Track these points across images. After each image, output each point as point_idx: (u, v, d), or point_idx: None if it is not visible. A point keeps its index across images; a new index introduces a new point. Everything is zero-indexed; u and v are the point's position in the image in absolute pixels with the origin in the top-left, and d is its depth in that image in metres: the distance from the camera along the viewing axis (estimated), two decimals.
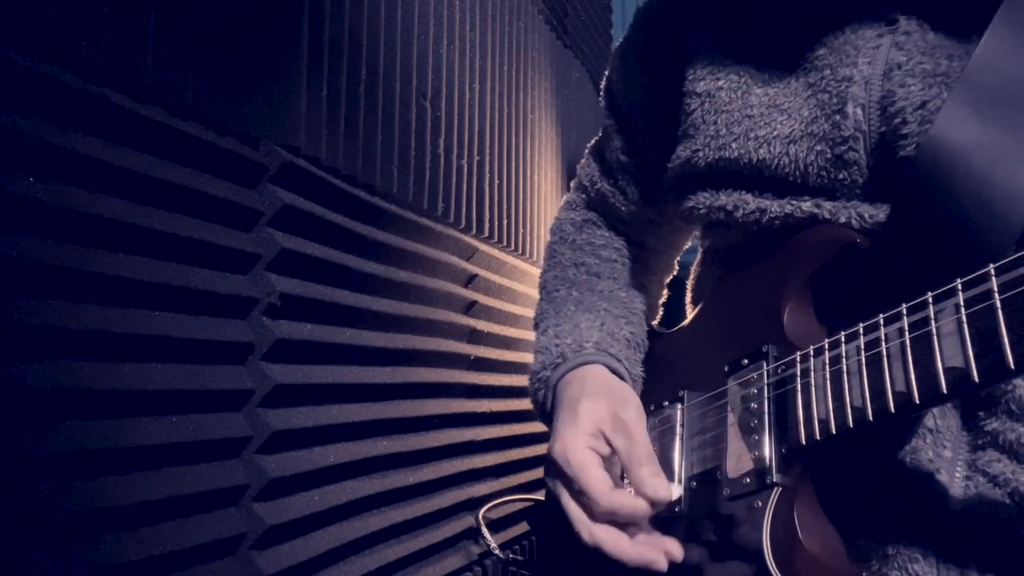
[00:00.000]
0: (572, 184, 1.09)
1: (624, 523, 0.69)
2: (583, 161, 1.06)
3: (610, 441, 0.72)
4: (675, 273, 1.07)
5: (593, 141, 1.04)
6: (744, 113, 0.72)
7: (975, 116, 0.57)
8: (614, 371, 0.84)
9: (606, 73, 0.98)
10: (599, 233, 1.01)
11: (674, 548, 0.66)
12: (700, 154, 0.75)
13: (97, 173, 0.76)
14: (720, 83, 0.75)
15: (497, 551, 1.44)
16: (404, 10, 1.34)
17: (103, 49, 0.76)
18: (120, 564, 0.75)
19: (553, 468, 0.73)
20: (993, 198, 0.56)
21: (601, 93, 1.00)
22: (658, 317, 1.05)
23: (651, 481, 0.67)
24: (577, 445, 0.71)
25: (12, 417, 0.68)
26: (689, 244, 1.04)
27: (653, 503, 0.67)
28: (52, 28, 0.70)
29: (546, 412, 0.87)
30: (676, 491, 0.70)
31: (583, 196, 1.04)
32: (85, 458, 0.74)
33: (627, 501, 0.68)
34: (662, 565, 0.66)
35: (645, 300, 0.98)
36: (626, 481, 0.72)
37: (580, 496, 0.69)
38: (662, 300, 1.07)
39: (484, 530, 1.43)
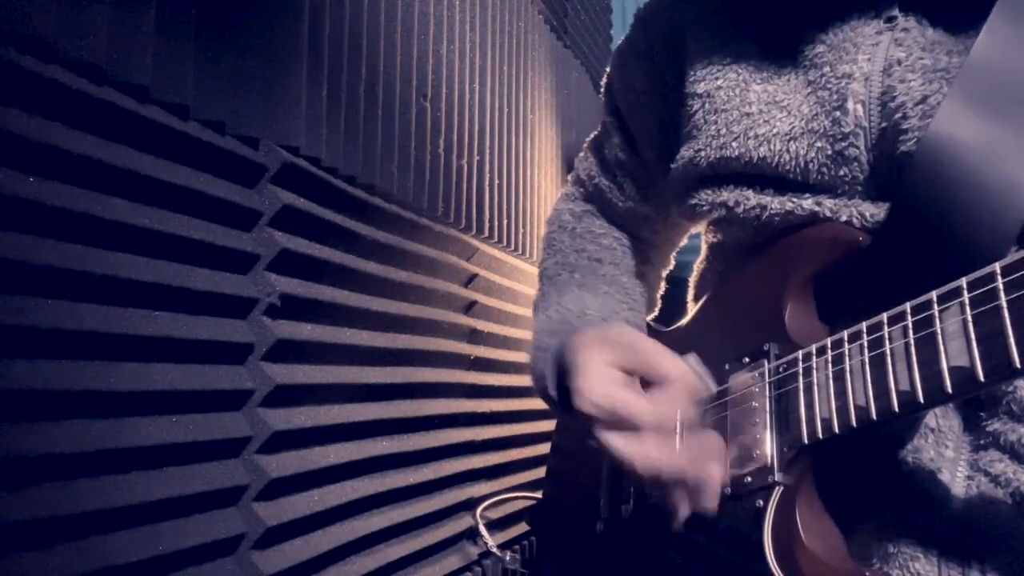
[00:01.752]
0: (569, 178, 1.08)
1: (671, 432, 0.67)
2: (581, 155, 1.05)
3: (617, 364, 0.70)
4: (672, 268, 1.07)
5: (592, 136, 1.04)
6: (743, 111, 0.72)
7: (974, 111, 0.57)
8: None
9: (606, 72, 0.98)
10: (598, 223, 1.01)
11: (719, 470, 0.65)
12: (702, 154, 0.75)
13: (97, 173, 0.76)
14: (719, 83, 0.75)
15: (495, 550, 1.44)
16: (404, 10, 1.34)
17: (103, 49, 0.75)
18: (120, 564, 0.75)
19: (587, 423, 0.70)
20: (993, 192, 0.56)
21: (601, 91, 1.00)
22: (656, 311, 1.05)
23: (670, 363, 0.67)
24: (593, 385, 0.69)
25: (12, 417, 0.68)
26: (689, 243, 1.04)
27: (687, 383, 0.66)
28: (52, 28, 0.70)
29: (546, 382, 0.85)
30: (692, 358, 0.69)
31: (581, 190, 1.04)
32: (85, 458, 0.74)
33: (665, 401, 0.66)
34: (718, 473, 0.64)
35: (644, 290, 0.99)
36: None
37: (623, 425, 0.67)
38: (660, 293, 1.07)
39: (482, 528, 1.43)
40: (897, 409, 0.54)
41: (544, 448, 1.29)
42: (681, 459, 0.64)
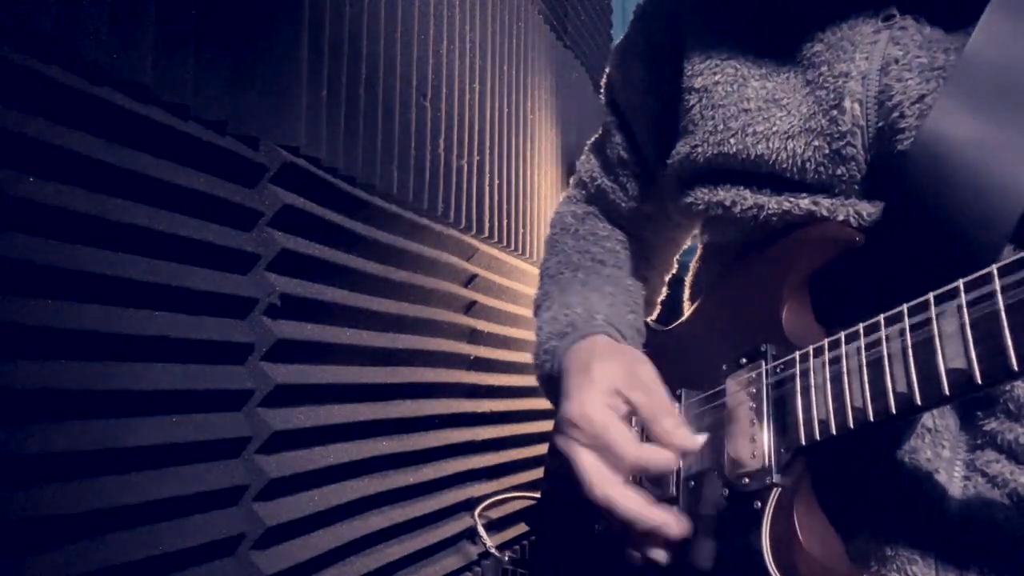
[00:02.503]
0: (571, 180, 1.09)
1: (647, 479, 0.68)
2: (583, 157, 1.05)
3: (628, 398, 0.70)
4: (674, 271, 1.07)
5: (593, 137, 1.04)
6: (741, 107, 0.72)
7: (968, 109, 0.57)
8: None
9: (606, 70, 0.98)
10: (601, 225, 1.01)
11: (675, 521, 0.66)
12: (699, 150, 0.75)
13: (97, 173, 0.76)
14: (717, 78, 0.75)
15: (494, 550, 1.44)
16: (404, 10, 1.34)
17: (103, 49, 0.76)
18: (120, 564, 0.75)
19: (570, 429, 0.71)
20: (988, 190, 0.56)
21: (601, 90, 1.00)
22: (655, 314, 1.05)
23: (676, 432, 0.67)
24: (596, 403, 0.70)
25: (12, 417, 0.68)
26: (689, 243, 1.04)
27: (682, 452, 0.67)
28: (52, 28, 0.70)
29: (552, 384, 0.85)
30: (700, 439, 0.69)
31: (583, 191, 1.04)
32: (85, 458, 0.74)
33: (654, 453, 0.67)
34: (674, 528, 0.65)
35: (646, 294, 0.99)
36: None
37: (605, 452, 0.68)
38: (661, 297, 1.07)
39: (480, 528, 1.43)
40: (894, 411, 0.54)
41: (544, 448, 1.29)
42: (640, 509, 0.66)
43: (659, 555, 0.68)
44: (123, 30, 0.78)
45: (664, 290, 1.07)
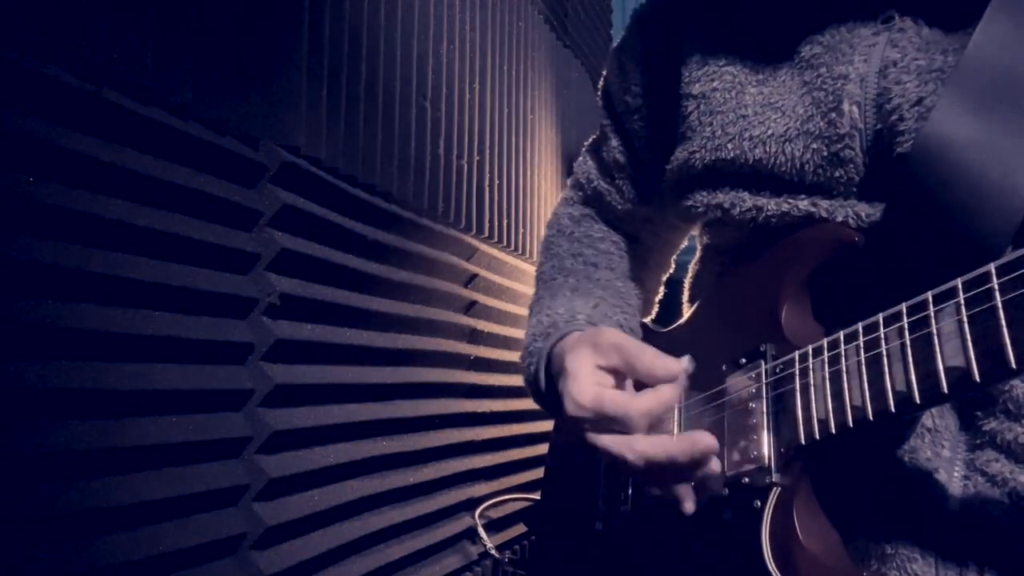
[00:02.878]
0: (569, 182, 1.09)
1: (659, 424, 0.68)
2: (580, 159, 1.06)
3: (603, 365, 0.71)
4: (672, 271, 1.07)
5: (591, 139, 1.04)
6: (739, 113, 0.72)
7: (969, 111, 0.57)
8: None
9: (603, 74, 0.98)
10: (596, 227, 1.01)
11: (706, 435, 0.65)
12: (697, 155, 0.75)
13: (97, 173, 0.76)
14: (715, 84, 0.75)
15: (493, 551, 1.44)
16: (404, 10, 1.34)
17: (103, 49, 0.76)
18: (120, 564, 0.75)
19: (576, 426, 0.72)
20: (989, 193, 0.56)
21: (598, 94, 1.00)
22: (653, 314, 1.05)
23: (658, 363, 0.67)
24: (581, 387, 0.71)
25: (12, 417, 0.68)
26: (686, 243, 1.04)
27: (672, 381, 0.67)
28: (52, 28, 0.71)
29: (538, 385, 0.86)
30: (685, 360, 0.69)
31: (580, 193, 1.04)
32: (85, 458, 0.74)
33: (650, 395, 0.67)
34: (709, 442, 0.64)
35: (641, 294, 0.99)
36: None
37: (611, 423, 0.68)
38: (658, 298, 1.07)
39: (480, 530, 1.43)
40: (893, 410, 0.54)
41: (543, 448, 1.29)
42: (672, 446, 0.65)
43: (713, 468, 0.67)
44: (123, 30, 0.78)
45: (662, 290, 1.07)
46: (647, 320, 0.99)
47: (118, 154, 0.79)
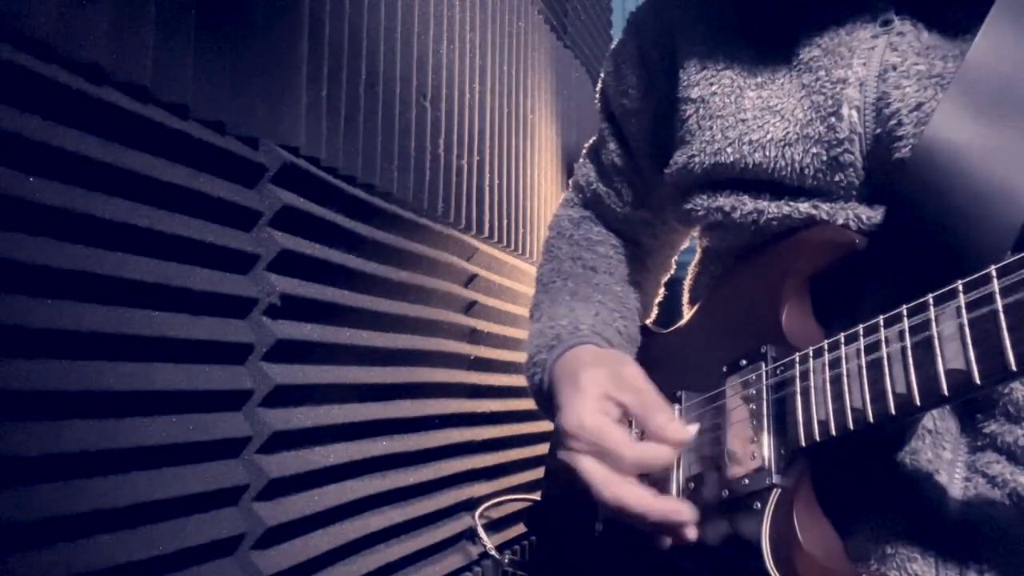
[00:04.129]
0: (570, 183, 1.09)
1: (647, 478, 0.69)
2: (580, 162, 1.06)
3: (618, 400, 0.71)
4: (672, 273, 1.07)
5: (590, 143, 1.05)
6: (738, 117, 0.72)
7: (970, 116, 0.57)
8: None
9: (601, 77, 0.98)
10: (596, 230, 1.01)
11: (687, 510, 0.66)
12: (696, 160, 0.75)
13: (97, 173, 0.76)
14: (713, 88, 0.75)
15: (493, 552, 1.44)
16: (404, 10, 1.34)
17: (103, 49, 0.76)
18: (120, 564, 0.75)
19: (568, 440, 0.72)
20: (989, 198, 0.56)
21: (596, 97, 1.00)
22: (653, 315, 1.05)
23: (669, 426, 0.67)
24: (588, 410, 0.70)
25: (12, 417, 0.68)
26: (687, 244, 1.04)
27: (677, 445, 0.67)
28: (52, 28, 0.70)
29: (543, 395, 0.86)
30: (693, 429, 0.69)
31: (580, 196, 1.05)
32: (85, 458, 0.74)
33: (652, 449, 0.67)
34: (684, 514, 0.65)
35: (640, 297, 0.99)
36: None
37: (604, 457, 0.68)
38: (658, 299, 1.07)
39: (480, 530, 1.43)
40: (894, 412, 0.54)
41: (543, 448, 1.29)
42: (651, 506, 0.66)
43: (687, 536, 0.67)
44: (123, 30, 0.78)
45: (662, 291, 1.07)
46: (647, 322, 0.99)
47: (118, 154, 0.79)
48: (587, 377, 0.73)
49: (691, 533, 0.66)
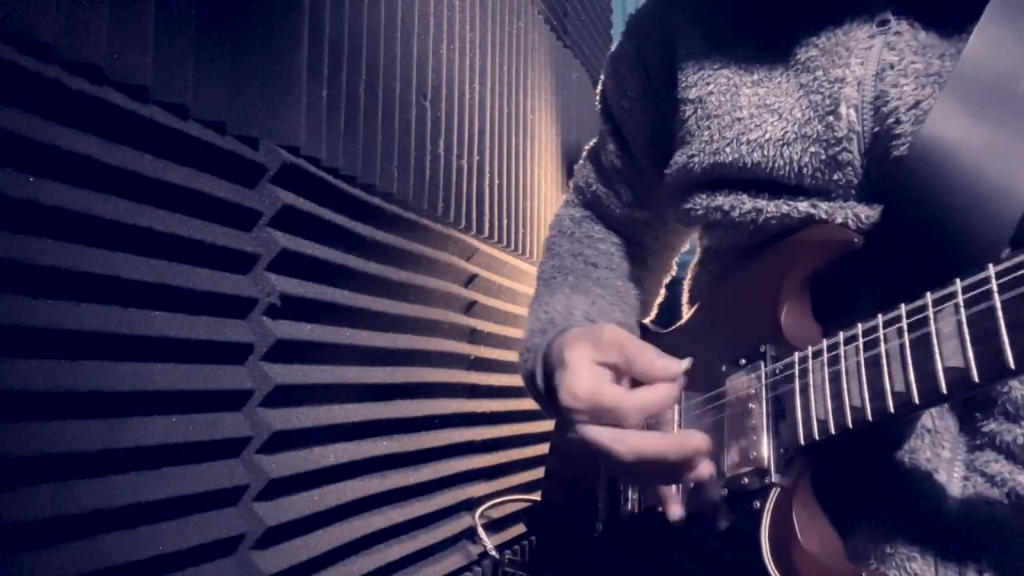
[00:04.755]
0: (570, 185, 1.09)
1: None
2: (580, 163, 1.06)
3: (603, 361, 0.71)
4: (673, 274, 1.07)
5: (590, 144, 1.05)
6: (734, 116, 0.72)
7: (966, 114, 0.57)
8: None
9: (600, 79, 0.99)
10: (598, 228, 1.02)
11: (697, 435, 0.65)
12: (695, 160, 0.75)
13: (97, 173, 0.76)
14: (710, 88, 0.76)
15: (494, 552, 1.44)
16: (404, 10, 1.34)
17: (103, 49, 0.76)
18: (120, 564, 0.75)
19: (569, 416, 0.71)
20: (986, 195, 0.56)
21: (596, 98, 1.01)
22: (652, 315, 1.05)
23: (658, 363, 0.67)
24: (578, 380, 0.71)
25: (12, 417, 0.68)
26: (687, 246, 1.04)
27: (670, 379, 0.67)
28: (52, 28, 0.71)
29: (535, 381, 0.86)
30: (685, 362, 0.69)
31: (580, 197, 1.05)
32: (85, 458, 0.74)
33: (650, 392, 0.67)
34: (699, 440, 0.64)
35: (640, 295, 0.99)
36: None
37: (606, 416, 0.68)
38: (659, 300, 1.07)
39: (480, 530, 1.43)
40: (892, 410, 0.54)
41: (543, 448, 1.29)
42: (663, 442, 0.65)
43: (704, 471, 0.67)
44: (123, 30, 0.78)
45: (662, 292, 1.07)
46: (646, 321, 0.99)
47: (118, 154, 0.79)
48: (571, 354, 0.73)
49: (707, 468, 0.66)
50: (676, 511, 0.70)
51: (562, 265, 0.98)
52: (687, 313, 0.89)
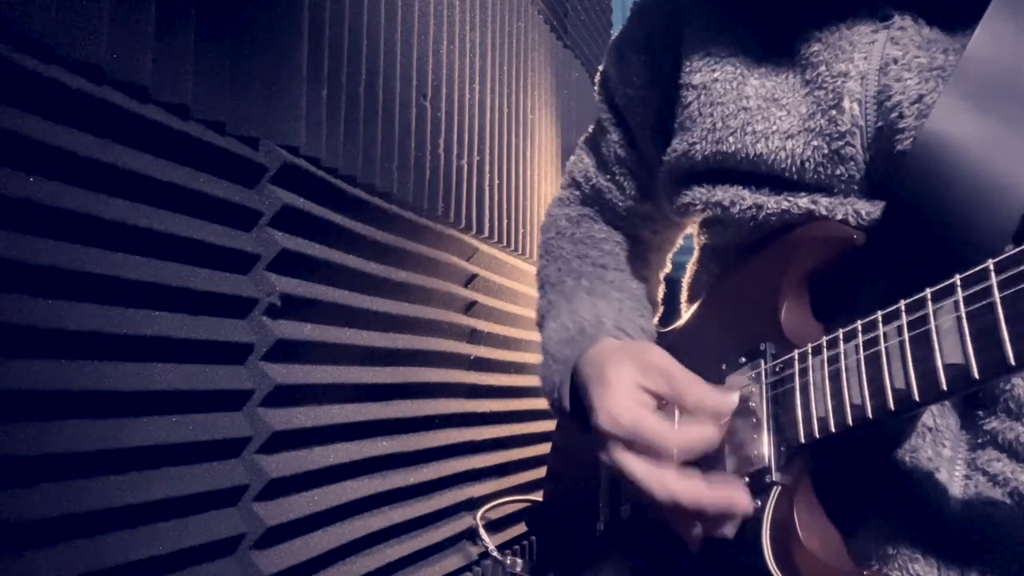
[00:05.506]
0: (562, 181, 1.07)
1: (698, 463, 0.66)
2: (574, 157, 1.03)
3: (649, 388, 0.69)
4: (669, 272, 1.07)
5: (585, 135, 1.02)
6: (740, 105, 0.72)
7: (969, 108, 0.57)
8: None
9: (601, 67, 0.97)
10: (597, 227, 1.00)
11: (745, 497, 0.62)
12: (697, 147, 0.75)
13: (97, 173, 0.76)
14: (716, 75, 0.75)
15: (495, 553, 1.44)
16: (404, 10, 1.34)
17: (103, 49, 0.76)
18: (120, 564, 0.75)
19: (605, 439, 0.69)
20: (988, 190, 0.56)
21: (596, 87, 0.99)
22: (657, 315, 1.05)
23: (709, 397, 0.65)
24: (621, 403, 0.68)
25: (12, 417, 0.68)
26: (683, 243, 1.03)
27: (720, 417, 0.65)
28: (52, 28, 0.71)
29: (560, 394, 0.83)
30: (735, 396, 0.66)
31: (576, 192, 1.02)
32: (85, 458, 0.74)
33: (693, 432, 0.65)
34: (745, 503, 0.62)
35: (648, 293, 0.98)
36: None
37: (647, 450, 0.65)
38: (660, 296, 1.06)
39: (482, 531, 1.43)
40: (893, 407, 0.54)
41: (544, 448, 1.29)
42: (706, 496, 0.63)
43: (729, 530, 0.65)
44: (123, 30, 0.78)
45: (662, 288, 1.06)
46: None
47: (118, 154, 0.79)
48: (614, 371, 0.71)
49: (731, 530, 0.63)
50: (695, 546, 0.68)
51: (569, 268, 0.96)
52: (686, 312, 0.89)
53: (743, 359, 0.70)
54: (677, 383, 0.68)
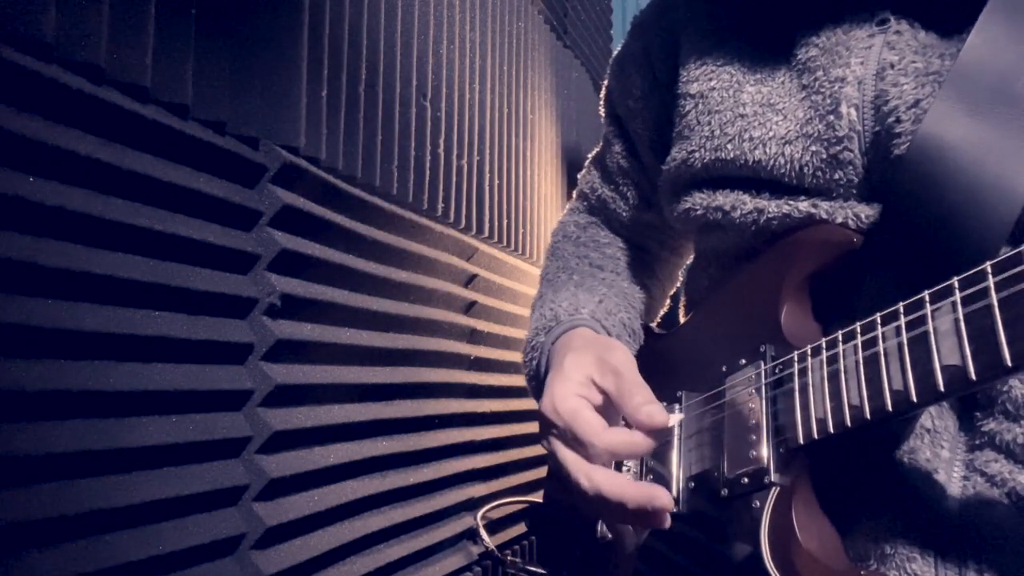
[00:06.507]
0: (574, 193, 1.10)
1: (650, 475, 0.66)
2: (583, 171, 1.07)
3: (600, 385, 0.69)
4: (678, 285, 1.06)
5: (594, 152, 1.05)
6: (737, 112, 0.72)
7: (964, 112, 0.58)
8: None
9: (604, 83, 0.99)
10: (603, 233, 1.02)
11: (664, 495, 0.63)
12: (696, 155, 0.75)
13: (97, 173, 0.76)
14: (712, 83, 0.76)
15: (496, 553, 1.44)
16: (404, 10, 1.34)
17: (103, 49, 0.76)
18: (120, 564, 0.75)
19: (545, 424, 0.70)
20: (984, 192, 0.56)
21: (601, 103, 1.01)
22: (655, 323, 1.05)
23: (644, 408, 0.64)
24: (566, 394, 0.69)
25: (12, 417, 0.68)
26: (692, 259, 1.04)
27: (650, 431, 0.65)
28: (52, 28, 0.71)
29: (540, 381, 0.83)
30: (675, 417, 0.67)
31: (585, 203, 1.05)
32: (85, 458, 0.74)
33: (622, 436, 0.65)
34: (666, 501, 0.62)
35: (645, 299, 0.99)
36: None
37: (576, 444, 0.66)
38: (663, 311, 1.07)
39: (482, 531, 1.43)
40: (891, 408, 0.54)
41: (543, 448, 1.28)
42: (629, 490, 0.64)
43: (660, 521, 0.65)
44: (123, 30, 0.78)
45: (668, 302, 1.06)
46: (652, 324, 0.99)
47: (118, 154, 0.79)
48: (572, 361, 0.72)
49: (666, 521, 0.64)
50: (629, 544, 0.68)
51: (566, 265, 0.98)
52: (686, 315, 0.89)
53: (743, 361, 0.70)
54: (624, 386, 0.68)
